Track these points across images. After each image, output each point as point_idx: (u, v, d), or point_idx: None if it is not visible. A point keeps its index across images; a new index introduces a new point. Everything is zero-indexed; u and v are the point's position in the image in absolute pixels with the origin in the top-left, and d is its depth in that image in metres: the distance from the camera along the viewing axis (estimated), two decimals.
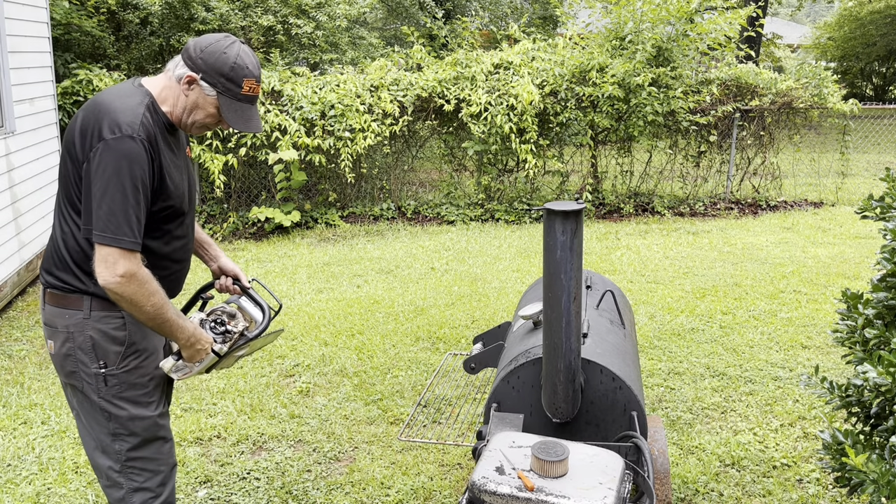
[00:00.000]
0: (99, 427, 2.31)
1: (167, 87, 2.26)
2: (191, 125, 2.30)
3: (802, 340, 5.10)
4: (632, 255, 7.42)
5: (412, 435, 3.83)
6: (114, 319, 2.25)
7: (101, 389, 2.26)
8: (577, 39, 9.93)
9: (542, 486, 2.07)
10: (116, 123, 2.11)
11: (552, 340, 2.45)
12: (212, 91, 2.24)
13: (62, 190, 2.25)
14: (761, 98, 9.42)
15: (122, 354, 2.27)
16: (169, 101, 2.27)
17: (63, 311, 2.25)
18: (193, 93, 2.25)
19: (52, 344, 2.29)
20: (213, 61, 2.21)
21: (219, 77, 2.22)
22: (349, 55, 12.00)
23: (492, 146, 9.01)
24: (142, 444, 2.34)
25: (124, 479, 2.33)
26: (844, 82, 22.14)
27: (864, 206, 2.63)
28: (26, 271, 6.35)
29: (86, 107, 2.21)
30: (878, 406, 2.41)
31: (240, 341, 2.52)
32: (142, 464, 2.35)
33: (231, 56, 2.23)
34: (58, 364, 2.31)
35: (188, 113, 2.28)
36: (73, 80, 8.47)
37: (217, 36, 2.28)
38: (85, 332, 2.23)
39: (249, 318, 2.60)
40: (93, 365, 2.25)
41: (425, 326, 5.43)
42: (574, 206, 2.33)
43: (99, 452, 2.34)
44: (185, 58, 2.25)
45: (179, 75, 2.25)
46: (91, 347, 2.24)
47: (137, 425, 2.31)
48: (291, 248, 7.96)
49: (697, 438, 3.82)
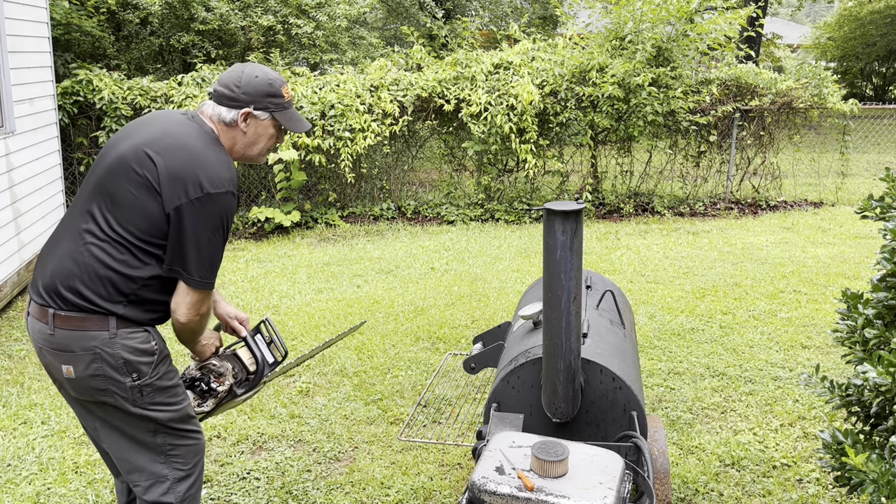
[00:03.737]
0: (137, 429, 2.32)
1: (220, 133, 2.37)
2: (257, 155, 2.44)
3: (802, 340, 5.10)
4: (632, 255, 7.42)
5: (412, 435, 3.83)
6: (139, 334, 2.26)
7: (137, 400, 2.27)
8: (577, 39, 9.92)
9: (542, 485, 2.07)
10: (219, 178, 2.23)
11: (552, 340, 2.45)
12: (265, 115, 2.36)
13: (112, 211, 2.23)
14: (761, 98, 9.42)
15: (154, 364, 2.29)
16: (226, 140, 2.38)
17: (83, 334, 2.21)
18: (251, 126, 2.37)
19: (71, 369, 2.23)
20: (254, 90, 2.34)
21: (266, 99, 2.35)
22: (349, 55, 12.01)
23: (492, 146, 9.01)
24: (181, 432, 2.38)
25: (169, 469, 2.36)
26: (844, 82, 22.15)
27: (863, 206, 2.63)
28: (26, 271, 6.35)
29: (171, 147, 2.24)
30: (878, 406, 2.41)
31: (227, 398, 2.55)
32: (184, 450, 2.40)
33: (262, 77, 2.36)
34: (80, 386, 2.26)
35: (249, 146, 2.40)
36: (73, 80, 8.47)
37: (234, 68, 2.38)
38: (115, 350, 2.22)
39: (244, 370, 2.61)
40: (126, 380, 2.24)
41: (425, 326, 5.43)
42: (574, 206, 2.33)
43: (139, 453, 2.34)
44: (223, 101, 2.34)
45: (232, 119, 2.34)
46: (123, 365, 2.23)
47: (175, 418, 2.36)
48: (291, 248, 7.96)
49: (697, 438, 3.82)
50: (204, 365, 2.54)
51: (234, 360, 2.60)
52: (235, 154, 2.40)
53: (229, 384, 2.54)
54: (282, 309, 5.90)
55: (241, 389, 2.59)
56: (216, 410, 2.58)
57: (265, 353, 2.65)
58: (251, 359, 2.63)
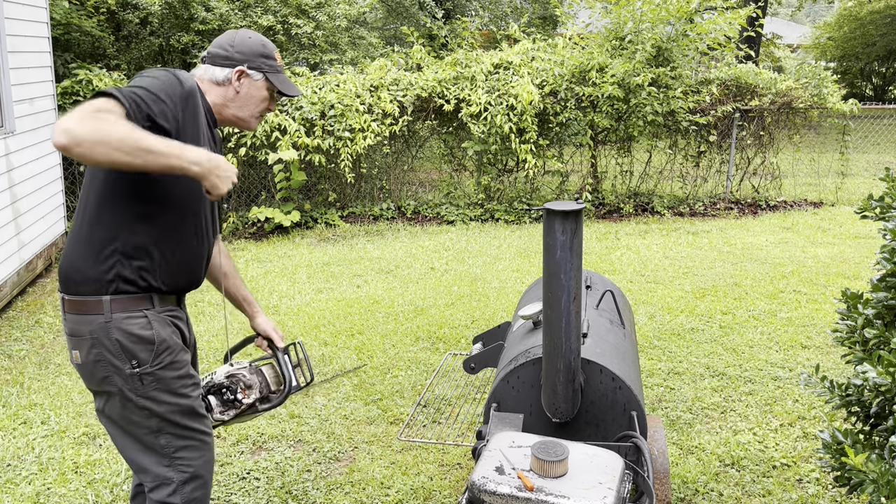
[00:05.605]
0: (140, 428, 2.29)
1: (208, 90, 2.32)
2: (249, 118, 2.38)
3: (802, 340, 5.10)
4: (631, 255, 7.42)
5: (412, 435, 3.83)
6: (136, 319, 2.22)
7: (138, 388, 2.23)
8: (577, 39, 9.93)
9: (541, 485, 2.07)
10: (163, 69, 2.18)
11: (552, 340, 2.45)
12: (258, 75, 2.34)
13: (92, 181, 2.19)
14: (761, 98, 9.42)
15: (155, 352, 2.24)
16: (216, 99, 2.32)
17: (83, 318, 2.21)
18: (244, 85, 2.33)
19: (78, 353, 2.23)
20: (248, 49, 2.32)
21: (260, 59, 2.33)
22: (349, 55, 12.01)
23: (491, 146, 9.01)
24: (185, 430, 2.32)
25: (174, 472, 2.32)
26: (844, 82, 22.17)
27: (863, 206, 2.63)
28: (26, 271, 6.35)
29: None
30: (878, 406, 2.41)
31: (248, 411, 2.53)
32: (189, 451, 2.34)
33: (256, 38, 2.35)
34: (87, 373, 2.25)
35: (242, 107, 2.35)
36: (72, 80, 8.47)
37: (227, 33, 2.37)
38: (110, 335, 2.19)
39: (267, 387, 2.60)
40: (125, 366, 2.21)
41: (425, 326, 5.43)
42: (574, 206, 2.33)
43: (143, 453, 2.32)
44: (216, 61, 2.32)
45: (225, 77, 2.31)
46: (120, 350, 2.20)
47: (179, 413, 2.29)
48: (291, 248, 7.96)
49: (697, 438, 3.82)
50: (233, 374, 2.53)
51: (262, 376, 2.60)
52: (227, 116, 2.36)
53: (254, 398, 2.53)
54: (281, 309, 5.91)
55: (263, 406, 2.58)
56: (232, 421, 2.57)
57: (291, 375, 2.64)
58: (275, 377, 2.63)
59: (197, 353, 2.55)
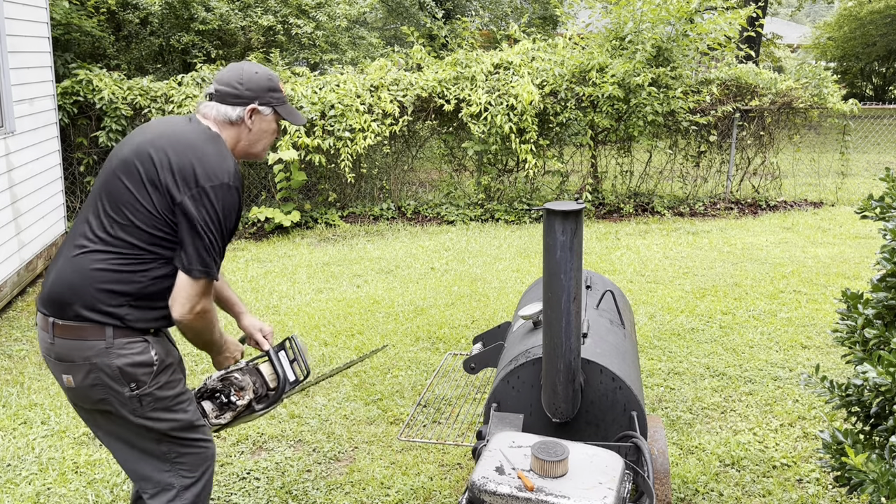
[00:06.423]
0: (140, 438, 2.30)
1: (222, 129, 2.36)
2: (261, 151, 2.46)
3: (802, 340, 5.10)
4: (632, 255, 7.42)
5: (412, 435, 3.83)
6: (136, 345, 2.23)
7: (137, 409, 2.25)
8: (577, 39, 9.92)
9: (541, 485, 2.07)
10: (218, 171, 2.22)
11: (552, 340, 2.45)
12: (268, 110, 2.39)
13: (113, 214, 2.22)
14: (761, 98, 9.42)
15: (153, 374, 2.26)
16: (229, 137, 2.37)
17: (81, 343, 2.20)
18: (256, 122, 2.39)
19: (71, 378, 2.23)
20: (256, 85, 2.36)
21: (269, 94, 2.38)
22: (349, 55, 12.01)
23: (492, 146, 9.01)
24: (186, 441, 2.35)
25: (176, 478, 2.33)
26: (844, 82, 22.15)
27: (863, 206, 2.63)
28: (26, 271, 6.35)
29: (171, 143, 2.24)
30: (878, 406, 2.41)
31: (246, 412, 2.52)
32: (190, 458, 2.36)
33: (262, 73, 2.39)
34: (81, 395, 2.26)
35: (253, 143, 2.42)
36: (72, 80, 8.47)
37: (231, 67, 2.40)
38: (111, 361, 2.20)
39: (264, 385, 2.59)
40: (124, 389, 2.22)
41: (425, 326, 5.43)
42: (574, 206, 2.33)
43: (143, 461, 2.32)
44: (226, 99, 2.34)
45: (238, 116, 2.35)
46: (120, 375, 2.21)
47: (178, 429, 2.33)
48: (291, 248, 7.96)
49: (697, 438, 3.82)
50: (226, 377, 2.53)
51: (256, 375, 2.58)
52: (239, 152, 2.40)
53: (249, 399, 2.52)
54: (281, 309, 5.91)
55: (260, 405, 2.57)
56: (232, 423, 2.56)
57: (287, 370, 2.63)
58: (272, 375, 2.61)
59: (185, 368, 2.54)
